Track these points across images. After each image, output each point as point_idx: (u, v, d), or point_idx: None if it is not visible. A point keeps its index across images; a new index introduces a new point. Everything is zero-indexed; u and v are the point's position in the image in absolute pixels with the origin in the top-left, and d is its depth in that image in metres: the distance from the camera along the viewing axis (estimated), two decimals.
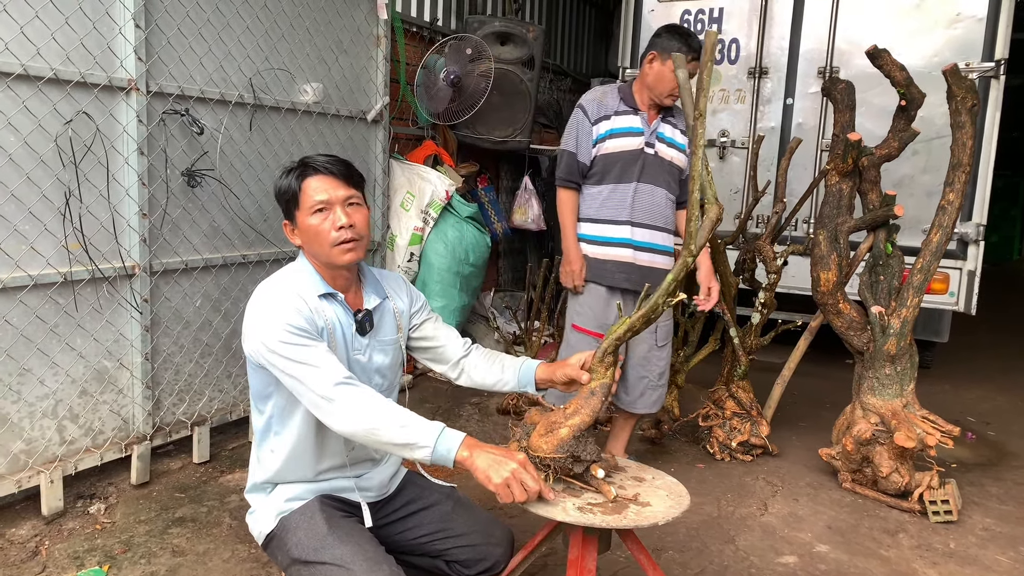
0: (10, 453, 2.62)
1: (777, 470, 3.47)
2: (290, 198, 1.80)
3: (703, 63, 1.64)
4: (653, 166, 2.98)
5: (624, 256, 2.98)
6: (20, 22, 2.47)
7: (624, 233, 2.97)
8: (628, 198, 2.96)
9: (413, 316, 2.02)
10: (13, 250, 2.54)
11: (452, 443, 1.59)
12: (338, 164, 1.79)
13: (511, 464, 1.57)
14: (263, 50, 3.36)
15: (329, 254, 1.77)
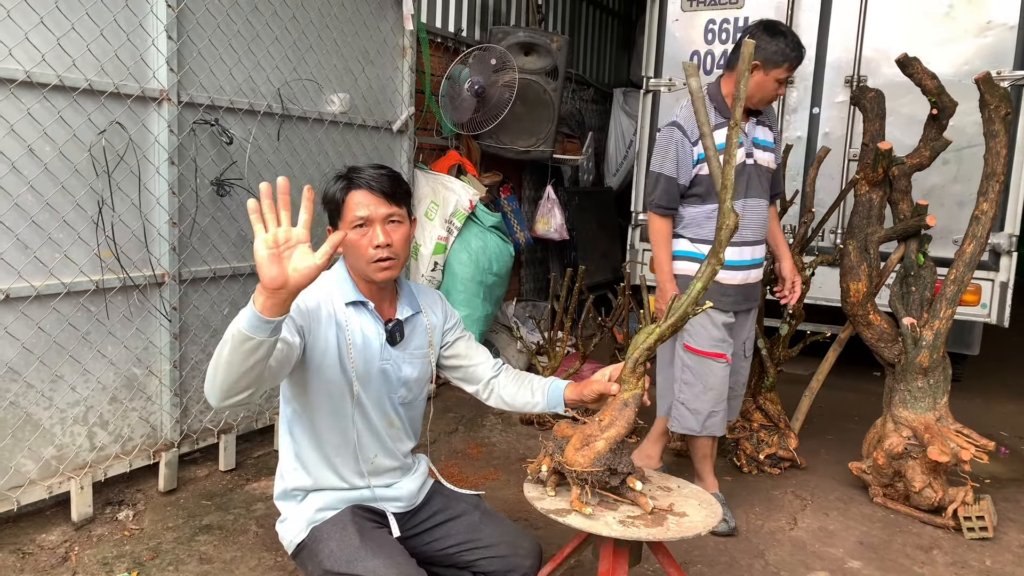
0: (41, 459, 2.65)
1: (806, 483, 3.41)
2: (333, 208, 1.82)
3: (739, 72, 1.62)
4: (755, 177, 2.87)
5: (735, 279, 2.89)
6: (57, 34, 2.51)
7: (732, 255, 2.84)
8: (747, 218, 2.85)
9: (446, 333, 2.02)
10: (47, 258, 2.58)
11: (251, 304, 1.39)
12: (383, 180, 1.79)
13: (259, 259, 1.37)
14: (291, 61, 3.39)
15: (365, 270, 1.80)
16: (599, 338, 4.23)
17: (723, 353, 2.91)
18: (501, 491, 3.20)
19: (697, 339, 2.91)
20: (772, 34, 2.73)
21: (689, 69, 1.68)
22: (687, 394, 2.95)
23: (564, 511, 1.67)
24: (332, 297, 1.81)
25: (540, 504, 1.70)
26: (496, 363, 2.06)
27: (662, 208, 2.85)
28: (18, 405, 2.56)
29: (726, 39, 4.86)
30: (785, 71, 2.75)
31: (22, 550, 2.56)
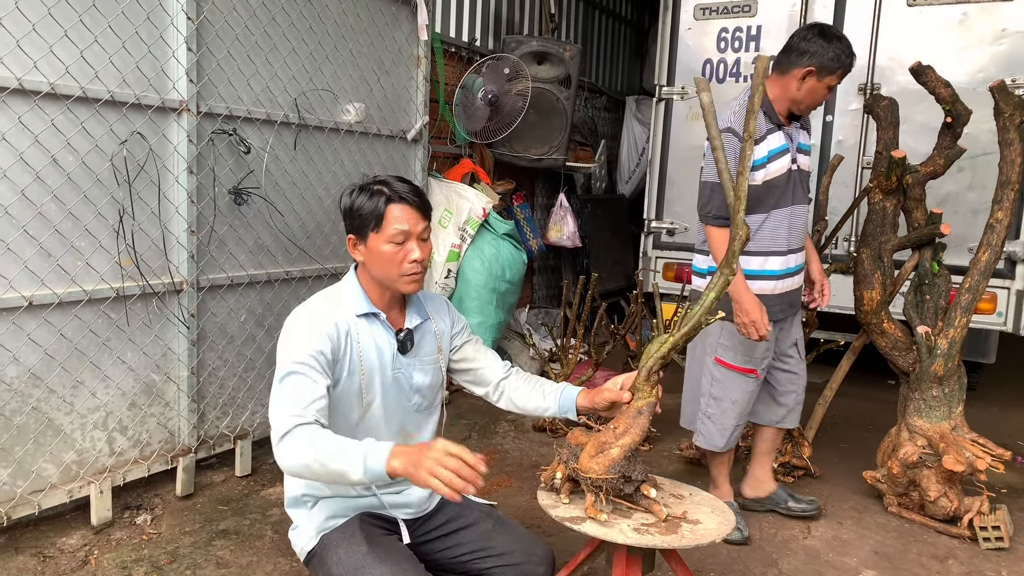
0: (62, 463, 2.69)
1: (820, 492, 3.40)
2: (371, 220, 1.79)
3: (754, 87, 1.64)
4: (799, 183, 2.82)
5: (777, 288, 2.81)
6: (80, 47, 2.57)
7: (779, 264, 2.79)
8: (785, 224, 2.78)
9: (454, 338, 2.04)
10: (69, 266, 2.63)
11: (379, 459, 1.52)
12: (418, 195, 1.82)
13: (431, 453, 1.50)
14: (308, 71, 3.44)
15: (395, 282, 1.82)
16: (612, 345, 4.23)
17: (754, 369, 2.86)
18: (514, 498, 3.21)
19: (732, 353, 2.85)
20: (828, 39, 2.64)
21: (701, 84, 1.70)
22: (714, 408, 2.91)
23: (579, 518, 1.68)
24: (344, 310, 1.82)
25: (554, 511, 1.71)
26: (506, 365, 2.08)
27: (720, 219, 2.68)
28: (40, 410, 2.61)
29: (739, 47, 4.87)
30: (838, 78, 2.69)
31: (43, 553, 2.60)
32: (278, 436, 1.60)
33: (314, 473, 1.58)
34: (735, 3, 4.86)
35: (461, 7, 5.21)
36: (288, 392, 1.66)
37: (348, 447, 1.55)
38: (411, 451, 1.54)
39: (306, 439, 1.58)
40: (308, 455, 1.56)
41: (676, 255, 5.08)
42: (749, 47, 4.85)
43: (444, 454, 1.50)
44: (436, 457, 1.49)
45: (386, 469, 1.52)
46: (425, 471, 1.48)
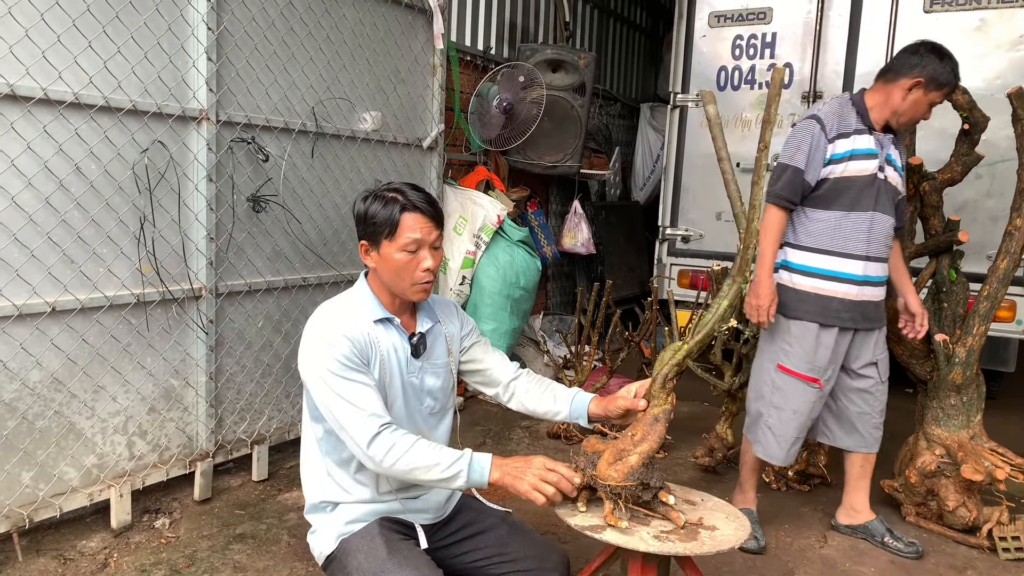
0: (83, 467, 2.73)
1: (836, 501, 3.36)
2: (386, 228, 1.80)
3: (770, 98, 1.65)
4: (885, 193, 2.74)
5: (850, 293, 2.74)
6: (104, 57, 2.61)
7: (856, 269, 2.72)
8: (865, 229, 2.71)
9: (463, 339, 2.05)
10: (92, 272, 2.67)
11: (483, 469, 1.69)
12: (431, 204, 1.84)
13: (533, 468, 1.68)
14: (325, 80, 3.48)
15: (405, 290, 1.83)
16: (626, 352, 4.23)
17: (816, 378, 2.78)
18: (529, 504, 3.20)
19: (793, 359, 2.80)
20: (940, 56, 2.67)
21: (707, 96, 1.71)
22: (775, 418, 2.85)
23: (598, 527, 1.68)
24: (361, 317, 1.83)
25: (572, 520, 1.71)
26: (514, 366, 2.09)
27: (782, 199, 2.71)
28: (62, 415, 2.65)
29: (754, 54, 4.87)
30: (942, 95, 2.70)
31: (64, 556, 2.64)
32: (366, 439, 1.69)
33: (411, 478, 1.71)
34: (750, 10, 4.87)
35: (476, 16, 5.24)
36: (354, 392, 1.72)
37: (447, 455, 1.69)
38: (512, 464, 1.70)
39: (402, 445, 1.69)
40: (408, 461, 1.68)
41: (691, 262, 5.08)
42: (764, 54, 4.85)
43: (546, 470, 1.67)
44: (539, 472, 1.67)
45: (488, 479, 1.68)
46: (528, 484, 1.66)
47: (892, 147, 2.78)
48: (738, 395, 3.67)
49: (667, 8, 7.83)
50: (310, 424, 1.91)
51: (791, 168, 2.71)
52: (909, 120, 2.74)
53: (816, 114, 2.73)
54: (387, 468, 1.69)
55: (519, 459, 1.71)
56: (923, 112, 2.70)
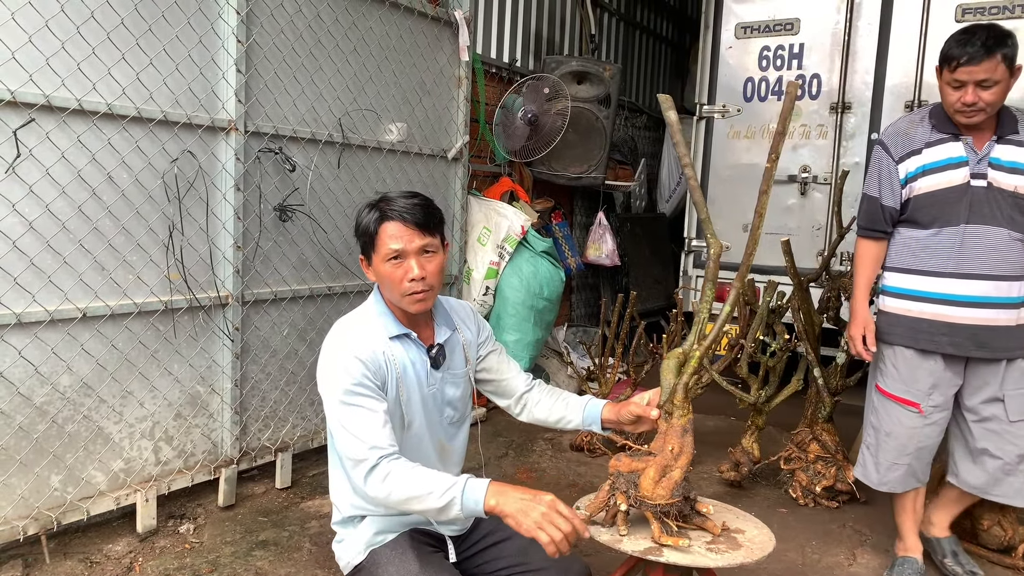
0: (110, 471, 2.77)
1: (865, 518, 3.31)
2: (367, 240, 1.81)
3: (784, 112, 1.64)
4: (985, 202, 2.48)
5: (941, 314, 2.54)
6: (136, 69, 2.67)
7: (942, 287, 2.53)
8: (954, 245, 2.51)
9: (480, 347, 2.03)
10: (121, 279, 2.72)
11: (477, 495, 1.57)
12: (416, 211, 1.78)
13: (540, 506, 1.53)
14: (352, 91, 3.52)
15: (400, 301, 1.80)
16: (650, 365, 4.19)
17: (916, 402, 2.62)
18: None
19: (889, 380, 2.68)
20: (957, 33, 2.47)
21: (665, 103, 1.67)
22: (872, 439, 2.76)
23: (654, 549, 1.63)
24: (377, 334, 1.80)
25: (622, 547, 1.64)
26: (528, 378, 2.07)
27: (862, 229, 2.70)
28: (91, 419, 2.69)
29: (780, 66, 4.84)
30: (952, 72, 2.45)
31: (90, 559, 2.67)
32: (364, 470, 1.64)
33: (408, 508, 1.63)
34: (777, 21, 4.85)
35: (502, 28, 5.28)
36: (356, 421, 1.68)
37: (441, 483, 1.59)
38: (517, 494, 1.56)
39: (397, 474, 1.62)
40: (402, 491, 1.61)
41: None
42: (791, 65, 4.82)
43: (556, 513, 1.52)
44: (547, 513, 1.52)
45: (484, 508, 1.56)
46: (533, 522, 1.51)
47: (1006, 147, 2.48)
48: (764, 409, 3.62)
49: (693, 20, 7.82)
50: (334, 439, 1.91)
51: (867, 197, 2.69)
52: (954, 112, 2.49)
53: (880, 138, 2.69)
54: (383, 499, 1.64)
55: (526, 491, 1.57)
56: (953, 100, 2.45)
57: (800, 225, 4.83)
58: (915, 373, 2.62)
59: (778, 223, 4.86)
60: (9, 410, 2.48)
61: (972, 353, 2.55)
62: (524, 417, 2.05)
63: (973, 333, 2.52)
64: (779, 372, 3.61)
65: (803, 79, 4.79)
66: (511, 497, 1.55)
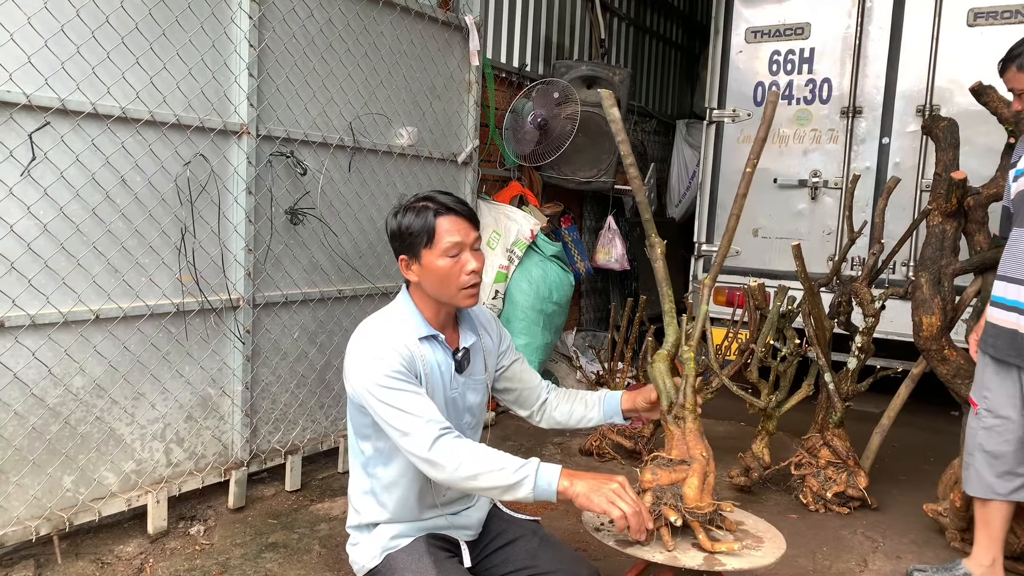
0: (122, 472, 2.78)
1: (877, 524, 3.28)
2: (423, 237, 1.76)
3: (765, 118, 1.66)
4: None
5: (1010, 321, 2.48)
6: (150, 73, 2.70)
7: (1012, 294, 2.46)
8: (1013, 248, 2.50)
9: (501, 356, 2.02)
10: (134, 281, 2.74)
11: (551, 476, 1.60)
12: (465, 205, 1.80)
13: (612, 484, 1.59)
14: (363, 96, 3.53)
15: (454, 297, 1.78)
16: None
17: (976, 402, 2.66)
18: (559, 521, 3.18)
19: (974, 387, 2.71)
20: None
21: (607, 99, 1.66)
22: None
23: (714, 560, 1.63)
24: (406, 334, 1.79)
25: (685, 563, 1.63)
26: (546, 386, 2.07)
27: (997, 238, 2.67)
28: (103, 420, 2.71)
29: (791, 70, 4.84)
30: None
31: (101, 560, 2.68)
32: (427, 444, 1.63)
33: (473, 484, 1.63)
34: (788, 26, 4.84)
35: (512, 33, 5.30)
36: (406, 400, 1.67)
37: (514, 461, 1.62)
38: (588, 476, 1.62)
39: (465, 447, 1.63)
40: (472, 464, 1.61)
41: (727, 279, 5.02)
42: (802, 69, 4.81)
43: (626, 492, 1.59)
44: (618, 490, 1.59)
45: (557, 488, 1.59)
46: (605, 498, 1.57)
47: None
48: (775, 414, 3.60)
49: (703, 25, 7.82)
50: (356, 443, 1.89)
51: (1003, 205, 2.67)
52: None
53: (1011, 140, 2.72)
54: (450, 473, 1.62)
55: (596, 475, 1.63)
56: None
57: (811, 230, 4.81)
58: (984, 371, 2.65)
59: (789, 228, 4.85)
60: (23, 411, 2.50)
61: (1013, 359, 2.50)
62: (544, 423, 2.05)
63: (1018, 340, 2.47)
64: (790, 377, 3.59)
65: (813, 83, 4.78)
66: (582, 479, 1.61)
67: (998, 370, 2.59)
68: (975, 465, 2.66)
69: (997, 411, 2.60)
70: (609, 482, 1.60)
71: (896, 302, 4.04)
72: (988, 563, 2.63)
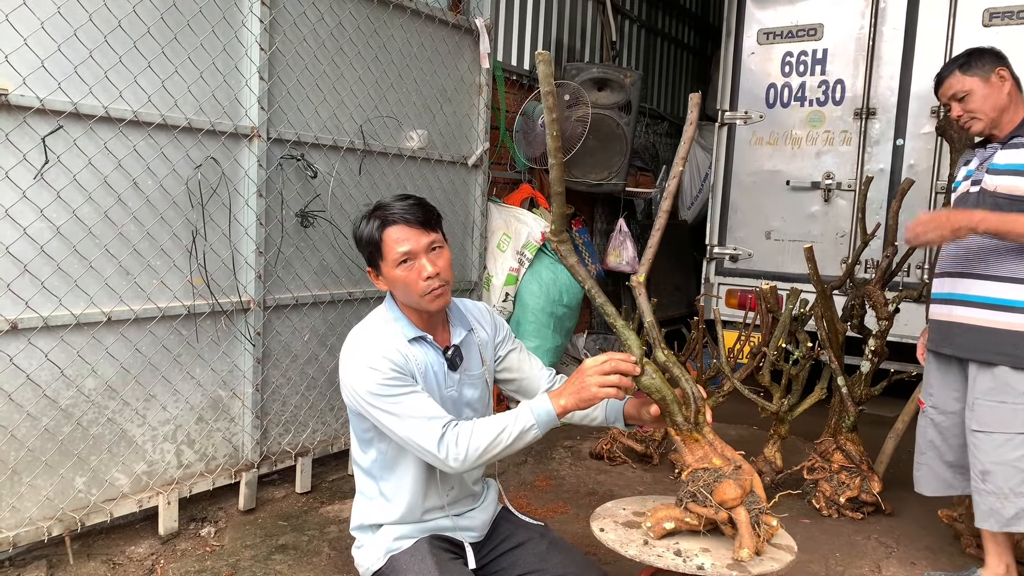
0: (133, 474, 2.80)
1: (891, 530, 3.25)
2: (373, 249, 1.80)
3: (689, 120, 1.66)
4: (975, 205, 2.48)
5: (942, 313, 2.59)
6: (162, 77, 2.71)
7: (947, 287, 2.58)
8: (947, 245, 2.57)
9: (498, 347, 2.02)
10: (145, 283, 2.75)
11: (547, 407, 1.68)
12: (416, 211, 1.79)
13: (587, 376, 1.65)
14: (373, 99, 3.54)
15: (419, 303, 1.80)
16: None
17: (923, 401, 2.74)
18: (569, 525, 3.17)
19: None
20: None
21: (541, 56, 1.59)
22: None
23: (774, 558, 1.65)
24: (395, 338, 1.81)
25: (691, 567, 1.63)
26: (550, 374, 2.06)
27: None
28: (115, 422, 2.73)
29: (804, 71, 4.80)
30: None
31: (113, 560, 2.70)
32: (434, 444, 1.68)
33: (489, 455, 1.68)
34: (800, 27, 4.81)
35: (523, 36, 5.30)
36: (406, 405, 1.71)
37: (509, 417, 1.68)
38: (570, 387, 1.68)
39: (465, 432, 1.68)
40: (478, 443, 1.67)
41: (739, 281, 4.99)
42: (815, 71, 4.77)
43: (600, 365, 1.64)
44: (595, 373, 1.64)
45: (557, 411, 1.67)
46: (595, 389, 1.63)
47: (1009, 152, 2.46)
48: (787, 418, 3.57)
49: (715, 27, 7.79)
50: (357, 447, 1.91)
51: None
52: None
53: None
54: (463, 461, 1.68)
55: (572, 377, 1.70)
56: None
57: (824, 232, 4.77)
58: (929, 369, 2.76)
59: (801, 230, 4.81)
60: (35, 412, 2.52)
61: (942, 348, 2.62)
62: None
63: (945, 329, 2.59)
64: (802, 381, 3.56)
65: (826, 85, 4.74)
66: (568, 391, 1.68)
67: (939, 366, 2.67)
68: (927, 463, 2.70)
69: (942, 407, 2.66)
70: (583, 374, 1.66)
71: (910, 305, 3.99)
72: (1002, 571, 2.59)
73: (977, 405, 2.46)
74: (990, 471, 2.42)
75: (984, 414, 2.44)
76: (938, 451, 2.68)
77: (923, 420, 2.75)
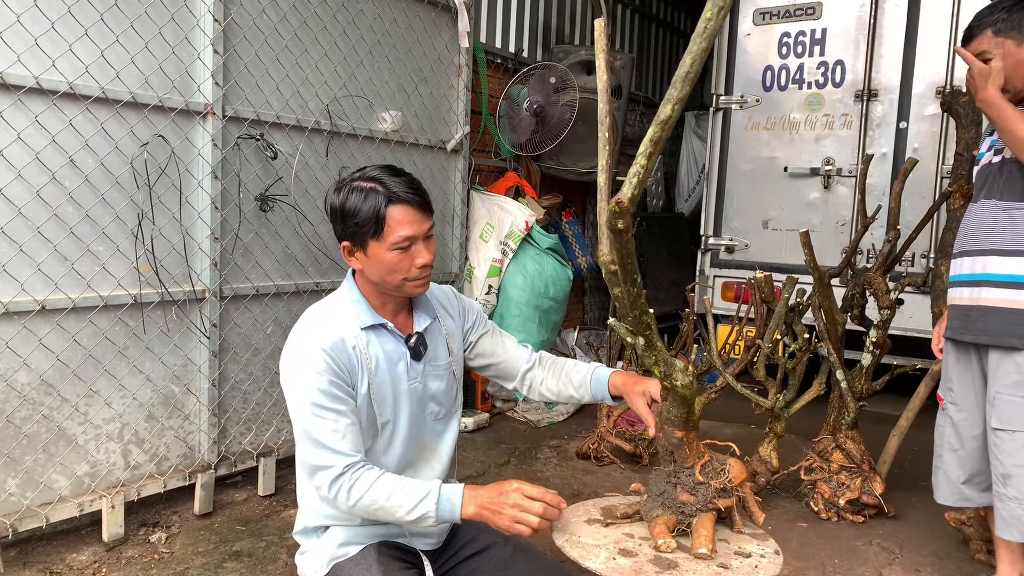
0: (74, 475, 2.60)
1: (894, 534, 3.04)
2: (370, 226, 1.58)
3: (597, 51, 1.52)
4: (997, 176, 2.25)
5: (963, 297, 2.31)
6: (101, 46, 2.52)
7: (967, 267, 2.29)
8: (966, 222, 2.33)
9: (467, 334, 1.86)
10: (85, 270, 2.56)
11: (454, 504, 1.55)
12: (418, 192, 1.63)
13: (507, 499, 1.52)
14: (341, 77, 3.34)
15: (402, 287, 1.64)
16: None
17: (942, 396, 2.47)
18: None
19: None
20: None
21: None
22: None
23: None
24: (347, 324, 1.63)
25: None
26: (529, 352, 1.92)
27: None
28: (51, 419, 2.53)
29: (802, 52, 4.59)
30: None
31: (50, 569, 2.50)
32: (329, 479, 1.56)
33: (377, 517, 1.58)
34: (798, 6, 4.60)
35: (508, 17, 5.10)
36: (322, 427, 1.57)
37: (413, 492, 1.55)
38: (486, 494, 1.54)
39: (364, 482, 1.55)
40: (370, 500, 1.55)
41: (735, 273, 4.78)
42: (813, 52, 4.57)
43: (524, 498, 1.51)
44: (518, 502, 1.51)
45: (461, 516, 1.54)
46: (508, 519, 1.50)
47: None
48: (783, 415, 3.36)
49: None
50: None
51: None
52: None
53: None
54: (346, 509, 1.58)
55: (494, 488, 1.56)
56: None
57: (824, 221, 4.56)
58: (946, 360, 2.49)
59: (800, 219, 4.59)
60: None
61: (958, 335, 2.33)
62: (533, 397, 1.95)
63: (963, 313, 2.30)
64: (799, 375, 3.34)
65: (826, 66, 4.53)
66: (484, 499, 1.54)
67: (959, 357, 2.40)
68: (943, 468, 2.46)
69: (962, 404, 2.40)
70: (506, 495, 1.53)
71: (914, 296, 3.78)
72: None
73: (999, 400, 2.19)
74: (1012, 475, 2.17)
75: (1006, 410, 2.17)
76: (956, 455, 2.42)
77: (942, 418, 2.48)
